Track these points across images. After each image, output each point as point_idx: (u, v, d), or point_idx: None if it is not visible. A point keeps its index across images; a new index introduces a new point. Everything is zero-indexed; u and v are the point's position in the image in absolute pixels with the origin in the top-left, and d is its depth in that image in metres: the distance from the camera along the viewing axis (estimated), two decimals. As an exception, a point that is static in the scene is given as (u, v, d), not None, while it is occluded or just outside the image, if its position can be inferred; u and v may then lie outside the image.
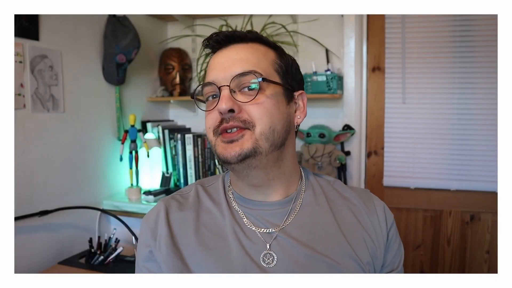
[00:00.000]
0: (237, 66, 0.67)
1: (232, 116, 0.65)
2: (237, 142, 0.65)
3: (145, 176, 1.92)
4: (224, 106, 0.64)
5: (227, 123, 0.65)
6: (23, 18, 1.33)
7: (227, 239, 0.69)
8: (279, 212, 0.72)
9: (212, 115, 0.68)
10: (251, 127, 0.65)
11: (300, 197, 0.74)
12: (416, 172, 1.80)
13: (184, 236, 0.70)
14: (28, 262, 1.39)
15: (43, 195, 1.44)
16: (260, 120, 0.65)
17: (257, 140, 0.65)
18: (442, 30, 1.72)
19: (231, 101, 0.65)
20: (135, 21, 1.71)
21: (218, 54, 0.71)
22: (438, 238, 1.80)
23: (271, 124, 0.66)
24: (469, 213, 1.75)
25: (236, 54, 0.68)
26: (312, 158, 1.72)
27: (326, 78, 1.66)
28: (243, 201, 0.73)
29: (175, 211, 0.74)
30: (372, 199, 0.77)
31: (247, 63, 0.67)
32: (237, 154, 0.64)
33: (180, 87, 1.96)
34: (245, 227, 0.70)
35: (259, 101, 0.66)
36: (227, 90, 0.66)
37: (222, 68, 0.68)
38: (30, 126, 1.39)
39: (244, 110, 0.66)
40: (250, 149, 0.64)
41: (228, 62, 0.68)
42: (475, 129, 1.71)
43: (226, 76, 0.66)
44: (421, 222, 1.82)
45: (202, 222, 0.72)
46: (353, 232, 0.72)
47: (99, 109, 1.70)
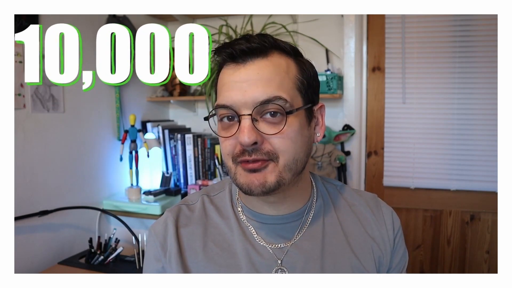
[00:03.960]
0: (259, 90, 0.59)
1: (255, 148, 0.60)
2: (260, 172, 0.61)
3: (145, 176, 1.92)
4: (247, 140, 0.58)
5: (249, 156, 0.60)
6: (23, 18, 1.33)
7: (236, 257, 0.67)
8: (291, 226, 0.69)
9: (230, 141, 0.62)
10: (274, 158, 0.61)
11: (312, 208, 0.72)
12: (416, 172, 1.80)
13: (192, 253, 0.68)
14: (28, 262, 1.39)
15: (43, 195, 1.44)
16: (285, 152, 0.61)
17: (281, 172, 0.61)
18: (442, 30, 1.72)
19: (254, 134, 0.59)
20: (135, 21, 1.71)
21: (235, 72, 0.62)
22: (438, 238, 1.80)
23: (294, 155, 0.62)
24: (469, 213, 1.75)
25: (257, 74, 0.60)
26: (312, 158, 1.72)
27: (326, 78, 1.66)
28: (253, 215, 0.70)
29: (183, 226, 0.71)
30: (380, 207, 0.76)
31: (269, 86, 0.60)
32: (261, 186, 0.60)
33: (180, 87, 1.96)
34: (255, 243, 0.68)
35: (284, 130, 0.60)
36: (249, 120, 0.59)
37: (242, 90, 0.60)
38: (30, 126, 1.39)
39: (267, 141, 0.60)
40: (274, 183, 0.61)
41: (248, 83, 0.60)
42: (475, 129, 1.71)
43: (246, 101, 0.59)
44: (421, 222, 1.82)
45: (210, 238, 0.69)
46: (361, 242, 0.71)
47: (99, 109, 1.70)
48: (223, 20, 1.81)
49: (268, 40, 0.63)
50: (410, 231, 1.83)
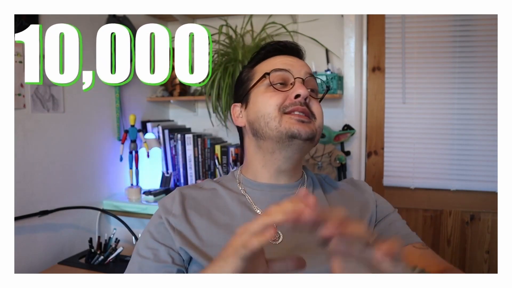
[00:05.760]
0: (307, 68, 0.80)
1: (305, 103, 0.76)
2: (308, 124, 0.75)
3: (145, 176, 1.92)
4: (305, 92, 0.75)
5: (301, 106, 0.75)
6: (23, 18, 1.33)
7: (236, 218, 0.76)
8: (287, 195, 0.78)
9: (281, 95, 0.76)
10: (313, 119, 0.77)
11: (304, 184, 0.83)
12: (416, 172, 1.80)
13: (197, 216, 0.76)
14: (28, 262, 1.39)
15: (43, 195, 1.44)
16: (320, 116, 0.78)
17: (317, 129, 0.77)
18: (442, 30, 1.72)
19: (307, 91, 0.75)
20: (135, 21, 1.71)
21: (282, 57, 0.81)
22: (438, 238, 1.80)
23: (321, 124, 0.79)
24: (469, 213, 1.75)
25: (301, 62, 0.82)
26: (312, 158, 1.72)
27: (326, 78, 1.66)
28: (253, 184, 0.81)
29: (190, 197, 0.80)
30: (356, 181, 0.89)
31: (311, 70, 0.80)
32: (310, 131, 0.74)
33: (180, 87, 1.96)
34: (253, 207, 0.78)
35: (319, 103, 0.80)
36: (303, 82, 0.77)
37: (297, 65, 0.79)
38: (30, 126, 1.39)
39: (311, 106, 0.77)
40: (315, 132, 0.76)
41: (298, 63, 0.80)
42: (475, 129, 1.71)
43: (300, 71, 0.78)
44: (421, 222, 1.82)
45: (214, 206, 0.79)
46: (348, 208, 0.80)
47: (99, 109, 1.70)
48: (223, 20, 1.81)
49: (302, 51, 0.87)
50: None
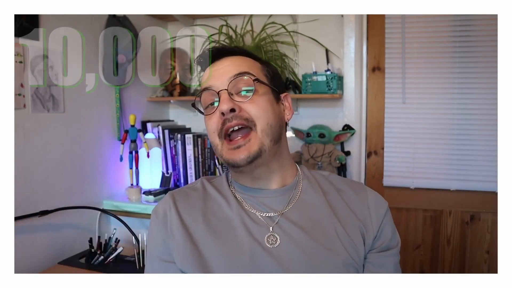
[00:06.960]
0: (232, 70, 0.74)
1: (234, 115, 0.71)
2: (244, 147, 0.71)
3: (145, 176, 1.92)
4: (225, 106, 0.70)
5: (230, 122, 0.71)
6: (23, 18, 1.33)
7: (232, 223, 0.74)
8: (280, 199, 0.77)
9: (213, 119, 0.74)
10: (253, 125, 0.71)
11: (299, 186, 0.80)
12: (416, 172, 1.80)
13: (193, 222, 0.75)
14: (28, 262, 1.39)
15: (43, 195, 1.44)
16: (259, 118, 0.72)
17: (260, 139, 0.71)
18: (442, 30, 1.72)
19: (231, 102, 0.71)
20: (135, 21, 1.71)
21: (213, 65, 0.77)
22: (438, 238, 1.80)
23: (268, 120, 0.73)
24: (469, 213, 1.75)
25: (230, 62, 0.76)
26: (312, 158, 1.72)
27: (326, 78, 1.66)
28: (246, 190, 0.78)
29: (183, 201, 0.78)
30: (365, 190, 0.81)
31: (241, 67, 0.75)
32: (246, 157, 0.70)
33: (180, 87, 1.96)
34: (249, 212, 0.76)
35: (255, 100, 0.73)
36: (226, 93, 0.72)
37: (219, 74, 0.74)
38: (30, 126, 1.39)
39: (244, 110, 0.72)
40: (257, 151, 0.71)
41: (223, 68, 0.75)
42: (475, 129, 1.71)
43: (223, 81, 0.73)
44: (421, 222, 1.82)
45: (210, 210, 0.77)
46: (345, 216, 0.76)
47: (99, 109, 1.70)
48: (223, 20, 1.81)
49: (238, 48, 0.81)
50: (410, 231, 1.83)
